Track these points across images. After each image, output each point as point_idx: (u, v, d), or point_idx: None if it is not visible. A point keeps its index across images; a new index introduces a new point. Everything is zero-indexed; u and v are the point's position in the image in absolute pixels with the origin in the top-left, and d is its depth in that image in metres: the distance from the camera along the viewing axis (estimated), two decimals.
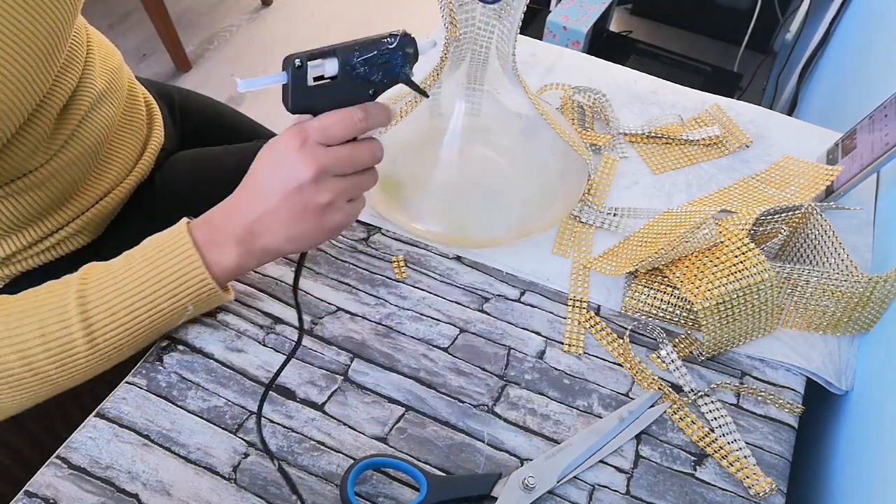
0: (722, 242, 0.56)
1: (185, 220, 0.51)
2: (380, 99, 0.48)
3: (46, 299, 0.47)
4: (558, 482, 0.49)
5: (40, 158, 0.58)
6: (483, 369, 0.55)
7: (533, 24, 1.90)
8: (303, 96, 0.46)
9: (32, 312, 0.46)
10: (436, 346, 0.57)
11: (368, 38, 0.46)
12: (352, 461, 0.49)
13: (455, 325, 0.58)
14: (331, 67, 0.45)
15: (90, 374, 0.49)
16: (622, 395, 0.54)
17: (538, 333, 0.58)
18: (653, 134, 0.74)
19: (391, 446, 0.51)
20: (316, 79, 0.45)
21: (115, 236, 0.72)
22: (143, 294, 0.48)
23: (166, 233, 0.50)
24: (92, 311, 0.47)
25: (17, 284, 0.68)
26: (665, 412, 0.53)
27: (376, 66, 0.46)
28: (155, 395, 0.52)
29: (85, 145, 0.62)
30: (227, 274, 0.50)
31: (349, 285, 0.60)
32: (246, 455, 0.50)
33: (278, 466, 0.48)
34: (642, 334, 0.59)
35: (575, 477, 0.50)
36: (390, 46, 0.46)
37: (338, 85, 0.46)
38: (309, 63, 0.44)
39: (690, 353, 0.57)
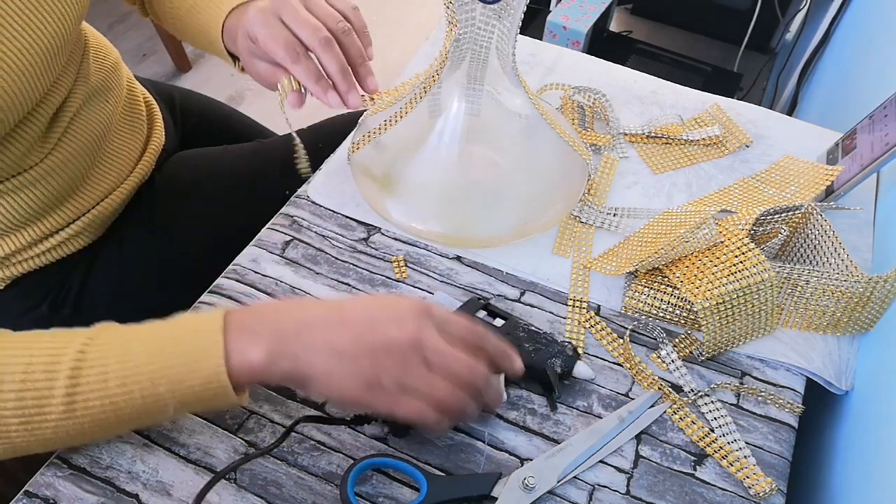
0: (722, 242, 0.56)
1: (224, 309, 0.43)
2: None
3: (52, 340, 0.42)
4: (558, 482, 0.49)
5: (35, 157, 0.58)
6: None
7: (533, 24, 1.90)
8: None
9: (26, 352, 0.41)
10: None
11: (546, 334, 0.54)
12: (352, 461, 0.49)
13: None
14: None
15: (51, 442, 0.42)
16: (622, 395, 0.54)
17: None
18: (653, 134, 0.74)
19: (391, 446, 0.51)
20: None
21: (115, 237, 0.72)
22: (142, 366, 0.41)
23: (200, 314, 0.43)
24: (84, 372, 0.40)
25: (19, 286, 0.68)
26: (665, 412, 0.53)
27: (535, 341, 0.53)
28: None
29: (80, 142, 0.62)
30: (245, 369, 0.41)
31: (349, 285, 0.60)
32: (246, 455, 0.50)
33: (352, 417, 0.48)
34: (642, 334, 0.59)
35: (575, 477, 0.50)
36: (557, 343, 0.54)
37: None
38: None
39: (690, 353, 0.57)
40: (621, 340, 0.57)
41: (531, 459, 0.50)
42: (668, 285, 0.58)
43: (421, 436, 0.51)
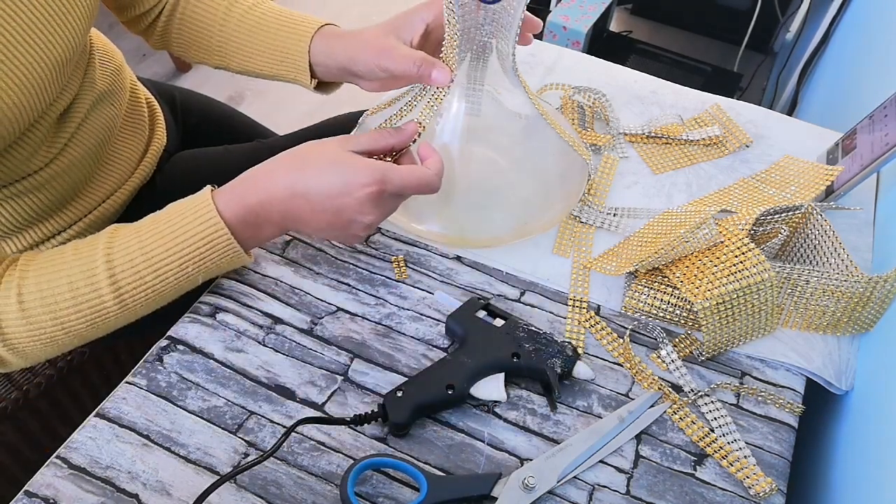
0: (722, 242, 0.56)
1: (208, 190, 0.52)
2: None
3: (74, 263, 0.50)
4: (558, 482, 0.49)
5: (40, 161, 0.58)
6: None
7: None
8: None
9: (62, 275, 0.49)
10: (436, 346, 0.57)
11: (546, 334, 0.54)
12: (352, 461, 0.49)
13: None
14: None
15: (117, 327, 0.53)
16: (622, 395, 0.54)
17: None
18: (653, 134, 0.74)
19: (391, 446, 0.51)
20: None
21: None
22: (170, 260, 0.50)
23: (191, 202, 0.52)
24: (120, 276, 0.49)
25: None
26: (665, 412, 0.53)
27: (534, 341, 0.54)
28: (155, 395, 0.52)
29: (86, 147, 0.62)
30: (255, 245, 0.55)
31: (349, 285, 0.60)
32: (246, 455, 0.50)
33: (352, 417, 0.50)
34: (642, 334, 0.59)
35: (575, 477, 0.50)
36: (557, 343, 0.54)
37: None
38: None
39: (690, 353, 0.57)
40: (621, 340, 0.57)
41: (531, 459, 0.50)
42: (668, 285, 0.58)
43: (421, 436, 0.51)
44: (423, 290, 0.60)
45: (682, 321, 0.58)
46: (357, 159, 0.51)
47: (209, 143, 0.84)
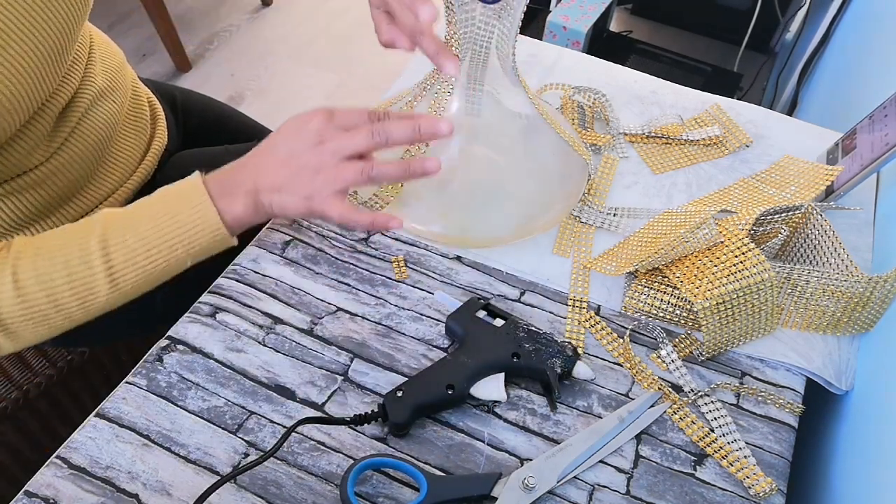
0: (722, 242, 0.56)
1: (198, 173, 0.54)
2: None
3: (71, 241, 0.51)
4: (558, 482, 0.49)
5: (40, 156, 0.58)
6: None
7: (533, 24, 1.90)
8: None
9: (59, 254, 0.50)
10: (436, 347, 0.57)
11: (546, 334, 0.54)
12: (352, 461, 0.49)
13: None
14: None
15: (106, 310, 0.54)
16: (622, 395, 0.54)
17: None
18: (653, 134, 0.74)
19: (391, 446, 0.51)
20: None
21: None
22: (161, 241, 0.52)
23: (181, 185, 0.53)
24: (114, 257, 0.51)
25: None
26: (665, 412, 0.53)
27: (534, 341, 0.54)
28: (155, 395, 0.53)
29: (86, 143, 0.62)
30: (236, 222, 0.53)
31: (349, 285, 0.60)
32: (246, 455, 0.50)
33: (352, 417, 0.50)
34: (642, 334, 0.59)
35: (575, 477, 0.50)
36: (557, 343, 0.54)
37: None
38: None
39: (690, 353, 0.57)
40: (621, 340, 0.57)
41: (531, 459, 0.50)
42: (668, 285, 0.58)
43: (421, 436, 0.51)
44: (423, 290, 0.60)
45: (682, 321, 0.58)
46: None
47: (209, 143, 0.85)
